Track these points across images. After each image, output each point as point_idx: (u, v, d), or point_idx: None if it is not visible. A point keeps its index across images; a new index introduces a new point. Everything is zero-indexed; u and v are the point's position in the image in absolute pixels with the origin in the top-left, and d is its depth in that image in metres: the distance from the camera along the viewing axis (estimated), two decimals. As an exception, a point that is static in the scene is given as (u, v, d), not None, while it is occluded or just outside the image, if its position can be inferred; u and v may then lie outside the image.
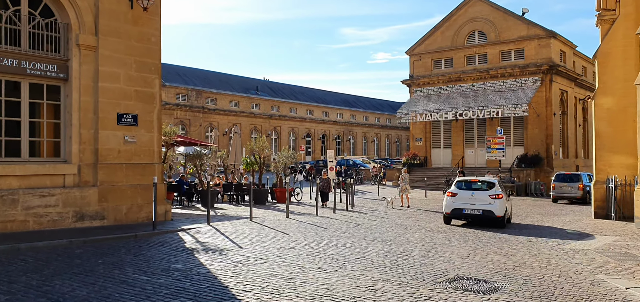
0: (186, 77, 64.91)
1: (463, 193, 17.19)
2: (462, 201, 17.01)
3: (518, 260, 11.03)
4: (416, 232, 15.09)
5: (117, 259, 10.52)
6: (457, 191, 17.38)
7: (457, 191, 17.38)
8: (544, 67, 41.38)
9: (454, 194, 17.30)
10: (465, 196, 17.06)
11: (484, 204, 16.64)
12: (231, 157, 27.10)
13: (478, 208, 16.64)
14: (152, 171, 15.90)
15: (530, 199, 32.40)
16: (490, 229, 16.20)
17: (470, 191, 17.19)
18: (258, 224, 16.15)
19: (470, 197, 16.97)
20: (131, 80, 15.67)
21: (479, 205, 16.68)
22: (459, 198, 17.11)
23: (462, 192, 17.23)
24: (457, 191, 17.40)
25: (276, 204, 24.46)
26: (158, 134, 16.31)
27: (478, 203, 16.73)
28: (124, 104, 15.51)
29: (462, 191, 17.32)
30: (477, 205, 16.71)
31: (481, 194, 16.96)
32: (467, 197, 16.99)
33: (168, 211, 16.41)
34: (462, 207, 16.90)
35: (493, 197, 16.70)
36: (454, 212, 17.07)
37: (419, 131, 47.28)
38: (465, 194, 17.12)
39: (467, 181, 18.04)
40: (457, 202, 17.06)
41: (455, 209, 17.03)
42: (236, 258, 10.71)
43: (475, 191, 17.13)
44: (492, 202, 16.61)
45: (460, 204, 16.98)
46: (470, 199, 16.91)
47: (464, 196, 17.06)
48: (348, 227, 15.83)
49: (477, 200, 16.80)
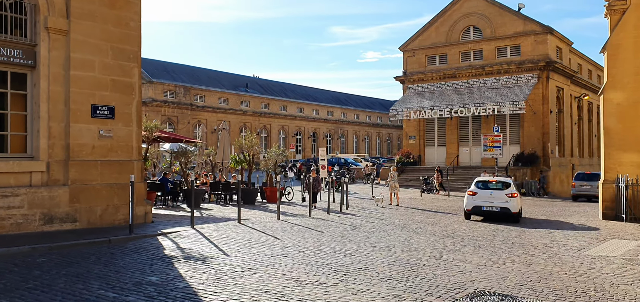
0: (174, 73, 63.26)
1: (482, 192, 18.65)
2: (481, 199, 18.40)
3: (541, 270, 9.78)
4: (420, 237, 13.80)
5: (84, 269, 9.11)
6: (477, 190, 18.81)
7: (477, 190, 18.81)
8: (540, 63, 40.35)
9: (475, 193, 18.70)
10: (484, 195, 18.51)
11: (501, 202, 18.18)
12: (219, 155, 25.62)
13: (496, 205, 18.16)
14: (131, 169, 14.45)
15: (528, 199, 31.35)
16: (501, 233, 15.00)
17: (488, 190, 18.66)
18: (247, 226, 14.77)
19: (489, 195, 18.44)
20: (107, 68, 14.21)
21: (497, 203, 18.21)
22: (479, 197, 18.51)
23: (482, 192, 18.69)
24: (477, 190, 18.82)
25: (266, 204, 23.10)
26: (137, 128, 14.86)
27: (496, 201, 18.25)
28: (99, 95, 14.05)
29: (481, 190, 18.79)
30: (495, 203, 18.23)
31: (498, 193, 18.48)
32: (487, 196, 18.44)
33: (148, 213, 14.97)
34: (482, 205, 18.33)
35: (509, 196, 18.30)
36: (475, 209, 18.44)
37: (413, 129, 46.09)
38: (484, 193, 18.57)
39: (485, 181, 19.59)
40: (477, 200, 18.46)
41: (475, 207, 18.42)
42: (221, 268, 9.36)
43: (493, 190, 18.63)
44: (508, 200, 18.20)
45: (480, 202, 18.39)
46: (489, 198, 18.38)
47: (484, 195, 18.51)
48: (345, 231, 14.50)
49: (495, 198, 18.34)
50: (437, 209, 22.70)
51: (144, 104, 56.04)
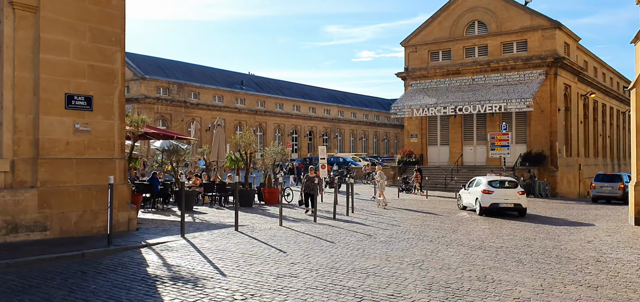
0: (167, 69, 61.20)
1: (497, 191, 20.39)
2: (497, 197, 20.16)
3: (614, 295, 7.94)
4: (448, 248, 11.93)
5: (40, 298, 7.20)
6: (493, 189, 20.40)
7: (493, 189, 20.40)
8: (548, 59, 38.60)
9: (490, 192, 20.27)
10: (500, 193, 20.29)
11: (514, 199, 20.24)
12: (213, 153, 23.65)
13: (510, 202, 20.19)
14: (112, 168, 12.52)
15: (540, 201, 29.65)
16: (535, 243, 13.18)
17: (503, 189, 20.52)
18: (246, 235, 12.85)
19: (505, 193, 20.31)
20: (84, 52, 12.26)
21: (511, 199, 20.24)
22: (495, 195, 20.20)
23: (497, 190, 20.41)
24: (492, 189, 20.39)
25: (265, 207, 21.22)
26: (120, 121, 12.92)
27: (510, 198, 20.26)
28: (74, 83, 12.10)
29: (496, 188, 20.47)
30: (509, 199, 20.22)
31: (511, 191, 20.50)
32: (502, 194, 20.28)
33: (132, 219, 13.02)
34: (498, 202, 20.08)
35: (520, 194, 20.53)
36: (492, 206, 20.05)
37: (415, 127, 44.27)
38: (499, 191, 20.36)
39: (496, 180, 21.31)
40: (494, 198, 20.11)
41: (493, 204, 20.04)
42: (216, 295, 7.47)
43: (507, 189, 20.58)
44: (520, 197, 20.36)
45: (496, 199, 20.11)
46: (505, 195, 20.27)
47: (499, 193, 20.29)
48: (359, 241, 12.60)
49: (509, 196, 20.33)
50: (437, 210, 21.21)
51: (136, 101, 53.94)
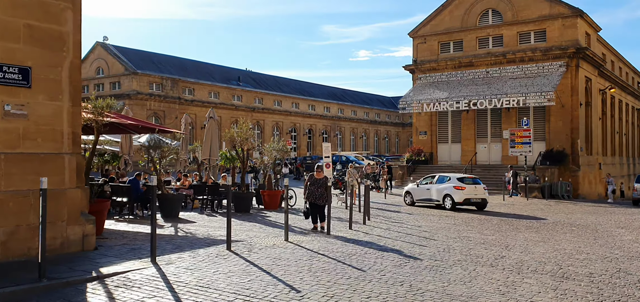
0: (161, 65, 58.01)
1: (469, 187, 21.88)
2: (469, 193, 21.69)
3: None
4: (525, 279, 8.69)
5: None
6: (465, 185, 21.88)
7: (465, 185, 21.88)
8: (569, 50, 35.45)
9: (463, 188, 21.69)
10: (470, 189, 21.80)
11: (481, 194, 22.00)
12: (205, 150, 20.35)
13: (479, 197, 21.92)
14: (59, 167, 9.30)
15: (562, 203, 26.56)
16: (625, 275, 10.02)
17: (473, 185, 22.12)
18: (241, 258, 9.58)
19: (474, 189, 21.90)
20: (17, 7, 9.03)
21: (480, 195, 21.95)
22: (467, 191, 21.68)
23: (469, 186, 21.89)
24: (464, 185, 21.86)
25: (264, 212, 18.08)
26: (72, 104, 9.64)
27: (479, 193, 21.93)
28: (3, 48, 8.84)
29: (468, 185, 21.99)
30: (478, 195, 21.90)
31: (479, 187, 22.17)
32: (472, 190, 21.84)
33: (89, 235, 9.74)
34: (470, 197, 21.69)
35: (485, 189, 22.38)
36: (465, 201, 21.64)
37: (424, 124, 41.08)
38: (470, 188, 21.85)
39: (467, 177, 23.25)
40: (466, 193, 21.64)
41: (466, 199, 21.63)
42: None
43: (475, 185, 22.14)
44: (484, 192, 22.22)
45: (468, 194, 21.65)
46: (474, 191, 21.84)
47: (470, 189, 21.79)
48: (397, 267, 9.25)
49: (478, 191, 21.96)
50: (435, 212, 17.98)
51: (128, 97, 50.59)
